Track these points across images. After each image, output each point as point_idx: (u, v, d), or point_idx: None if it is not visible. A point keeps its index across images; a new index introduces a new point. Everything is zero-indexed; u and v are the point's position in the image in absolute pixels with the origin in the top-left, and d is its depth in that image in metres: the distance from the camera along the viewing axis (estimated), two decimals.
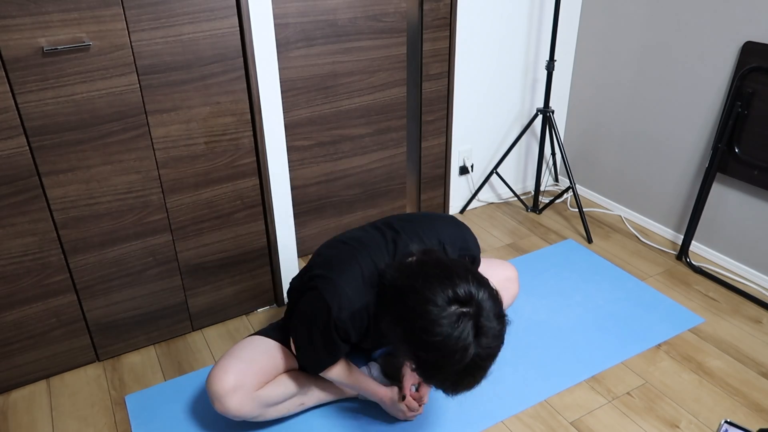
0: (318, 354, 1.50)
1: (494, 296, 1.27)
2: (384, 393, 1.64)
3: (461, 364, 1.22)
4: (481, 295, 1.25)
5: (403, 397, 1.62)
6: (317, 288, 1.44)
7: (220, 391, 1.49)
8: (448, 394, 1.30)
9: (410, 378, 1.66)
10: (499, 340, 1.25)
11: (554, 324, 2.04)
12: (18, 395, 1.81)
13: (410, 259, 1.42)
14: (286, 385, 1.60)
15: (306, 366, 1.56)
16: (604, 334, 1.99)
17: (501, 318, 1.26)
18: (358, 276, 1.44)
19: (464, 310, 1.22)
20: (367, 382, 1.63)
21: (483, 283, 1.28)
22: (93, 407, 1.76)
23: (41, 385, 1.84)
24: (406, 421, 1.68)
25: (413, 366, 1.29)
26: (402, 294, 1.28)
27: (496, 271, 1.87)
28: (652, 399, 1.75)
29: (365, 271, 1.45)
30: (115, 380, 1.86)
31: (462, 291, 1.23)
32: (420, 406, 1.65)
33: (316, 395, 1.68)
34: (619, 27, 2.51)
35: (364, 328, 1.49)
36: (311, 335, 1.48)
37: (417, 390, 1.67)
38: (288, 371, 1.63)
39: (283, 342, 1.64)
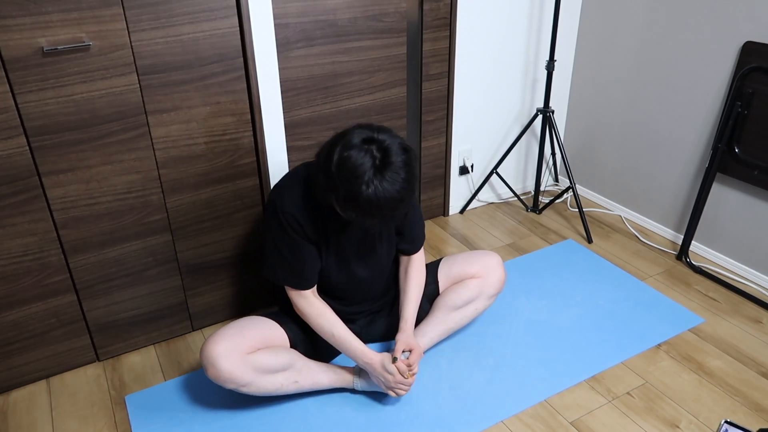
0: (283, 256, 1.59)
1: (405, 146, 1.43)
2: (373, 356, 1.64)
3: (361, 190, 1.36)
4: (390, 140, 1.42)
5: (395, 359, 1.63)
6: (267, 203, 1.60)
7: (212, 353, 1.53)
8: (363, 227, 1.53)
9: (402, 344, 1.67)
10: (401, 178, 1.39)
11: (554, 324, 2.04)
12: (18, 395, 1.81)
13: None
14: (278, 354, 1.62)
15: (274, 275, 1.63)
16: (604, 334, 1.99)
17: (408, 164, 1.41)
18: (300, 172, 1.60)
19: (371, 146, 1.40)
20: (355, 341, 1.65)
21: (396, 136, 1.44)
22: (93, 407, 1.76)
23: (41, 385, 1.84)
24: (396, 396, 1.67)
25: (336, 204, 1.43)
26: (327, 147, 1.45)
27: (479, 259, 1.90)
28: (652, 399, 1.75)
29: (309, 169, 1.58)
30: (115, 380, 1.86)
31: (375, 135, 1.42)
32: (411, 375, 1.65)
33: (310, 375, 1.68)
34: (619, 27, 2.51)
35: (315, 217, 1.57)
36: (272, 240, 1.59)
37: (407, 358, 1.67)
38: (282, 346, 1.67)
39: (278, 322, 1.70)
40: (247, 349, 1.58)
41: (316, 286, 1.68)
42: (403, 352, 1.67)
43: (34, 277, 1.72)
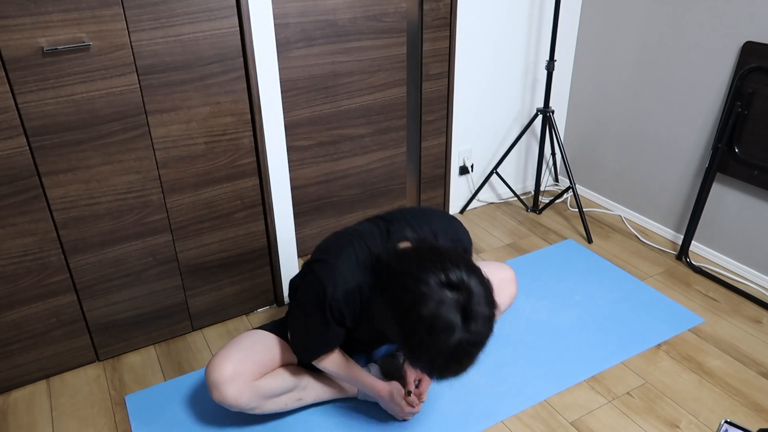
0: (312, 338, 1.52)
1: (485, 283, 1.28)
2: (382, 387, 1.64)
3: (448, 346, 1.22)
4: (472, 280, 1.25)
5: (409, 393, 1.63)
6: (314, 271, 1.46)
7: (219, 379, 1.50)
8: (435, 379, 1.31)
9: (412, 374, 1.66)
10: (487, 326, 1.25)
11: (554, 324, 2.04)
12: (18, 395, 1.81)
13: (405, 244, 1.44)
14: (284, 378, 1.60)
15: (300, 353, 1.56)
16: (604, 334, 1.99)
17: (491, 304, 1.27)
18: (352, 258, 1.46)
19: (455, 293, 1.23)
20: (364, 376, 1.63)
21: (474, 270, 1.28)
22: (93, 407, 1.76)
23: (41, 385, 1.84)
24: (403, 420, 1.68)
25: (401, 347, 1.29)
26: (396, 275, 1.29)
27: (493, 272, 1.86)
28: (652, 399, 1.75)
29: (359, 255, 1.47)
30: (115, 380, 1.86)
31: (454, 276, 1.24)
32: (419, 404, 1.65)
33: (314, 392, 1.68)
34: (619, 27, 2.51)
35: (358, 311, 1.49)
36: (306, 318, 1.49)
37: (417, 387, 1.67)
38: (287, 365, 1.64)
39: (284, 338, 1.65)
40: (254, 376, 1.54)
41: None
42: (414, 379, 1.67)
43: (34, 277, 1.72)
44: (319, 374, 1.70)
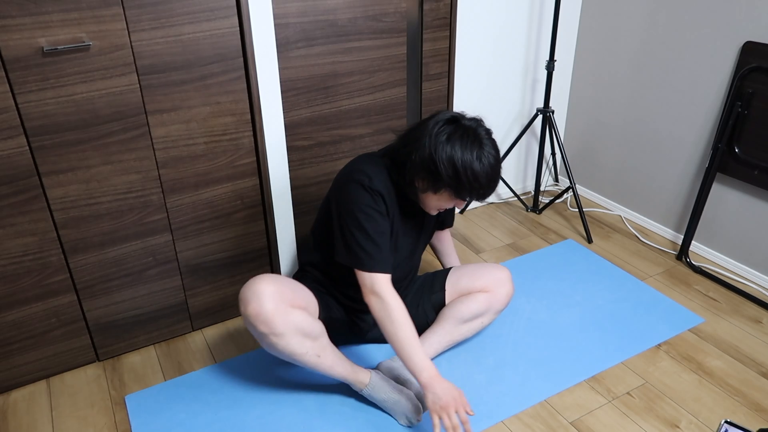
0: (370, 241, 1.55)
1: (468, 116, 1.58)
2: (436, 374, 1.50)
3: (482, 167, 1.50)
4: (453, 114, 1.56)
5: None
6: (348, 181, 1.58)
7: (261, 289, 1.51)
8: (479, 199, 1.57)
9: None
10: (495, 145, 1.55)
11: (554, 324, 2.04)
12: (18, 395, 1.81)
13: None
14: (314, 322, 1.60)
15: (361, 261, 1.55)
16: (604, 334, 1.99)
17: (480, 124, 1.56)
18: (375, 159, 1.63)
19: (456, 128, 1.52)
20: (423, 352, 1.52)
21: (451, 114, 1.58)
22: (93, 407, 1.76)
23: (41, 385, 1.84)
24: (409, 425, 1.66)
25: (447, 189, 1.54)
26: (415, 135, 1.55)
27: (489, 272, 1.88)
28: (652, 399, 1.75)
29: (378, 158, 1.65)
30: (115, 380, 1.86)
31: (447, 117, 1.55)
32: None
33: (331, 357, 1.63)
34: (619, 27, 2.51)
35: (394, 197, 1.63)
36: (357, 223, 1.55)
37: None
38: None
39: (315, 295, 1.72)
40: (290, 303, 1.56)
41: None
42: None
43: (34, 277, 1.72)
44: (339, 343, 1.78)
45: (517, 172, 2.92)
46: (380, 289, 1.55)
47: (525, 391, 1.77)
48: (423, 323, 1.88)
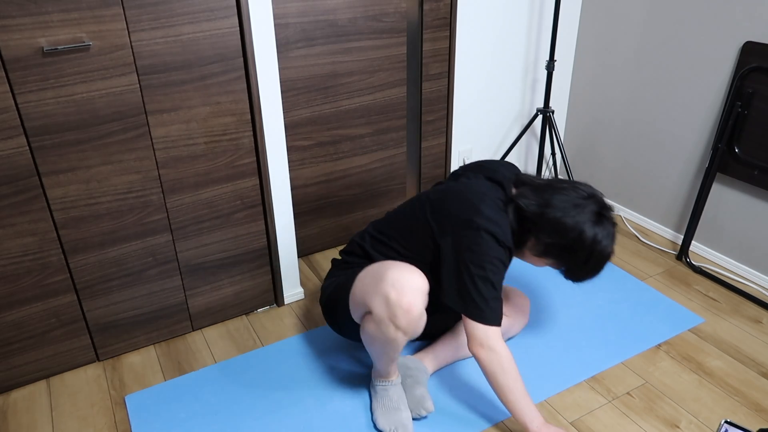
0: (497, 295, 1.51)
1: (592, 188, 1.59)
2: (540, 419, 1.52)
3: (607, 250, 1.54)
4: (591, 188, 1.58)
5: None
6: (477, 228, 1.50)
7: (421, 286, 1.44)
8: (587, 280, 1.66)
9: None
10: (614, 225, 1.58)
11: (554, 324, 2.04)
12: (18, 395, 1.81)
13: (514, 190, 1.62)
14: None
15: (485, 314, 1.49)
16: (604, 334, 1.99)
17: (611, 208, 1.59)
18: (497, 207, 1.56)
19: (591, 203, 1.54)
20: (531, 403, 1.54)
21: (578, 182, 1.60)
22: (93, 407, 1.76)
23: (41, 385, 1.84)
24: None
25: (557, 262, 1.58)
26: (544, 215, 1.54)
27: (514, 297, 1.96)
28: (652, 399, 1.75)
29: (495, 202, 1.57)
30: (115, 380, 1.86)
31: (583, 192, 1.56)
32: None
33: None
34: (619, 27, 2.51)
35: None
36: (486, 277, 1.49)
37: None
38: None
39: None
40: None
41: None
42: None
43: (34, 277, 1.72)
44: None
45: None
46: (494, 343, 1.50)
47: None
48: (442, 329, 1.89)
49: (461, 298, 1.51)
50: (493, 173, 1.65)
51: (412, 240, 1.63)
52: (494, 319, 1.51)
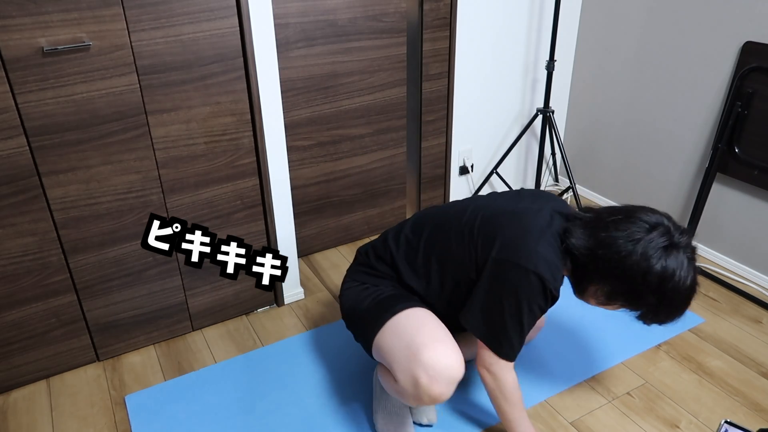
0: (521, 335, 1.40)
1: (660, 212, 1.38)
2: None
3: (685, 285, 1.31)
4: (658, 217, 1.35)
5: None
6: (527, 268, 1.34)
7: (456, 376, 1.38)
8: (669, 323, 1.38)
9: None
10: (693, 246, 1.36)
11: (554, 324, 2.04)
12: (18, 395, 1.81)
13: (566, 224, 1.43)
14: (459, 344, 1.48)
15: (505, 349, 1.41)
16: (604, 334, 1.99)
17: (685, 231, 1.36)
18: (553, 247, 1.38)
19: (660, 234, 1.32)
20: (529, 427, 1.50)
21: (642, 209, 1.38)
22: (93, 407, 1.76)
23: (41, 385, 1.84)
24: None
25: (628, 307, 1.37)
26: (604, 245, 1.34)
27: None
28: (652, 399, 1.75)
29: (556, 246, 1.39)
30: (115, 380, 1.86)
31: (649, 219, 1.34)
32: None
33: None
34: (619, 27, 2.52)
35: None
36: (518, 317, 1.37)
37: None
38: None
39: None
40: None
41: None
42: None
43: (34, 277, 1.72)
44: None
45: (517, 173, 2.92)
46: (500, 373, 1.44)
47: (525, 391, 1.77)
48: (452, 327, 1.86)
49: (485, 326, 1.42)
50: (562, 206, 1.50)
51: (449, 257, 1.49)
52: (510, 356, 1.43)
